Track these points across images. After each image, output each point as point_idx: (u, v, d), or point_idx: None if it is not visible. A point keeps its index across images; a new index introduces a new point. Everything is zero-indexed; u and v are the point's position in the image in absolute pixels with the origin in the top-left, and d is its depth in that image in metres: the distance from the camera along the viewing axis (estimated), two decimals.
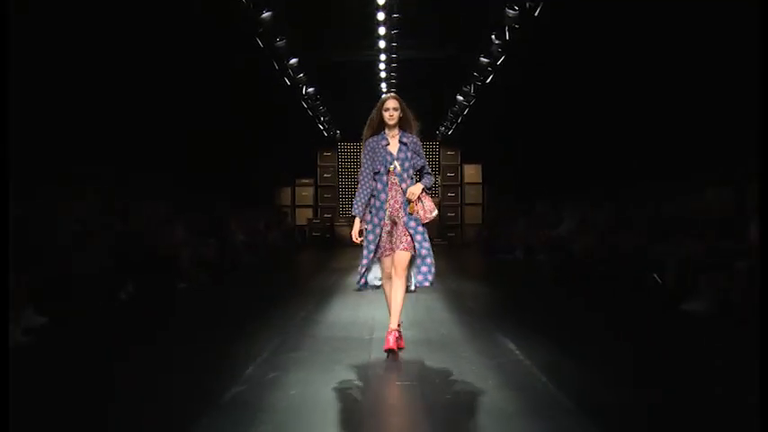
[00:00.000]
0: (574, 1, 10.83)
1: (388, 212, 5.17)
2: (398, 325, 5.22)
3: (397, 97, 5.35)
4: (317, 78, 16.86)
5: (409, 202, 5.13)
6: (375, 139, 5.28)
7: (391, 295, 5.22)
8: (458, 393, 4.21)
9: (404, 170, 5.23)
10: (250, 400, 4.10)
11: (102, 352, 5.66)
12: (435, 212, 5.16)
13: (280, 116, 17.89)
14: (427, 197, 5.21)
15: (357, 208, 5.21)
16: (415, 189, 5.14)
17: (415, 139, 5.35)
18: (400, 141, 5.28)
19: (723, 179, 8.24)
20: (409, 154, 5.27)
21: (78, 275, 7.25)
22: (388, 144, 5.26)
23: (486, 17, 13.08)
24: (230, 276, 11.45)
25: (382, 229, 5.16)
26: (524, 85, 15.21)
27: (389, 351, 5.03)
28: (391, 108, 5.26)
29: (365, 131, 5.33)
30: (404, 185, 5.19)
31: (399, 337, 5.21)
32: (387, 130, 5.28)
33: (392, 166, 5.19)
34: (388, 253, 5.18)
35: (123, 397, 4.28)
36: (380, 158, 5.22)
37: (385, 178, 5.21)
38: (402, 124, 5.32)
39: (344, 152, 21.99)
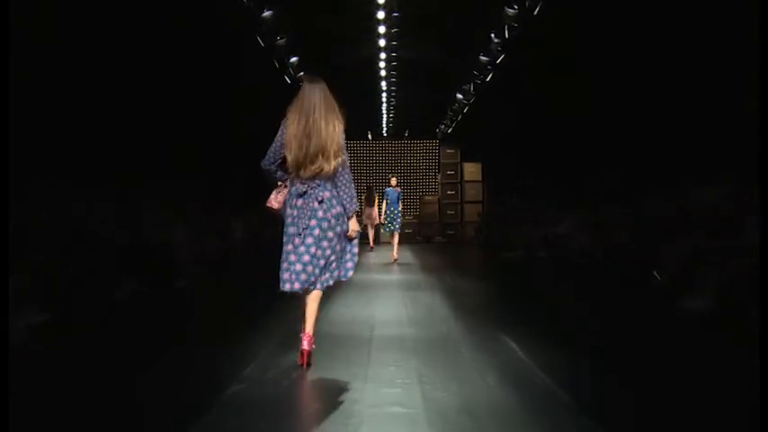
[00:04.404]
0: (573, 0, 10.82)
1: None
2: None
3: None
4: (317, 77, 16.85)
5: None
6: None
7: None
8: (458, 391, 4.18)
9: None
10: (249, 398, 4.07)
11: (102, 350, 5.63)
12: None
13: (279, 114, 17.88)
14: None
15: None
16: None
17: None
18: None
19: (721, 177, 8.23)
20: None
21: (81, 274, 7.22)
22: None
23: (485, 16, 13.06)
24: (230, 274, 11.43)
25: None
26: (524, 83, 15.18)
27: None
28: None
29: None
30: None
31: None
32: None
33: None
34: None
35: (122, 395, 4.24)
36: None
37: None
38: None
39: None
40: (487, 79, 16.03)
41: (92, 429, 3.64)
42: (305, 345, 4.70)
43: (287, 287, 4.70)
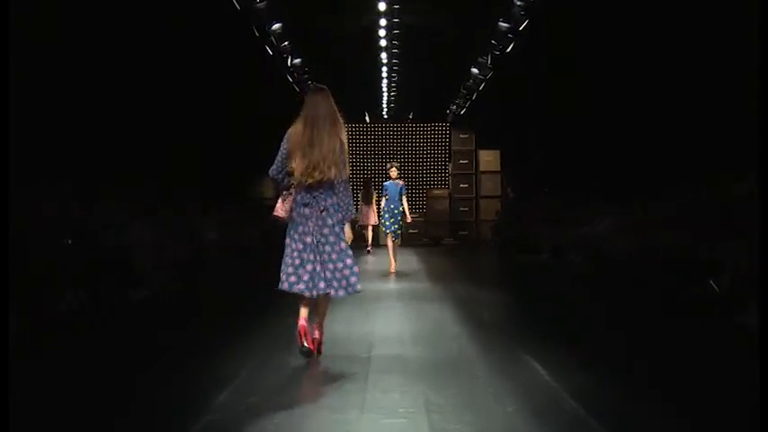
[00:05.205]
0: None
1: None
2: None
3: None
4: (304, 47, 16.82)
5: None
6: None
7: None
8: (472, 422, 4.20)
9: None
10: (224, 430, 4.09)
11: (49, 371, 5.65)
12: None
13: (259, 92, 17.85)
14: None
15: None
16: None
17: None
18: None
19: None
20: None
21: (20, 281, 7.23)
22: None
23: None
24: (201, 282, 11.45)
25: None
26: (552, 55, 15.12)
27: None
28: None
29: None
30: None
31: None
32: None
33: None
34: None
35: (76, 429, 4.26)
36: None
37: None
38: None
39: None
40: (508, 50, 16.02)
41: None
42: (316, 334, 5.80)
43: (295, 288, 5.67)
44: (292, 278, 5.70)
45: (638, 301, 9.17)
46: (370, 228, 18.12)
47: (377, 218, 15.66)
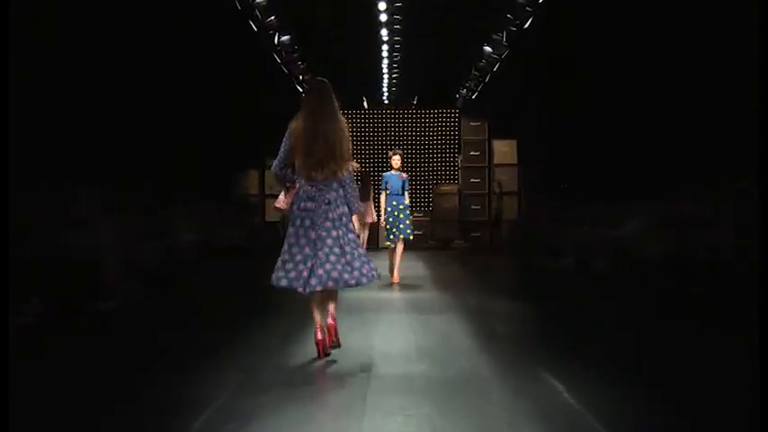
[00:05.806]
0: None
1: None
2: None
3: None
4: (294, 23, 16.83)
5: None
6: None
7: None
8: None
9: None
10: None
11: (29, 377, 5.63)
12: None
13: (242, 74, 17.85)
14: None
15: None
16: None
17: None
18: None
19: None
20: None
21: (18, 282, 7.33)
22: None
23: None
24: (175, 290, 11.45)
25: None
26: (576, 31, 15.11)
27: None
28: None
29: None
30: None
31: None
32: None
33: None
34: None
35: None
36: None
37: None
38: None
39: None
40: (525, 26, 16.03)
41: None
42: (330, 320, 6.40)
43: (282, 283, 6.29)
44: (280, 273, 6.31)
45: (676, 310, 9.17)
46: (366, 227, 18.01)
47: (375, 216, 15.35)
